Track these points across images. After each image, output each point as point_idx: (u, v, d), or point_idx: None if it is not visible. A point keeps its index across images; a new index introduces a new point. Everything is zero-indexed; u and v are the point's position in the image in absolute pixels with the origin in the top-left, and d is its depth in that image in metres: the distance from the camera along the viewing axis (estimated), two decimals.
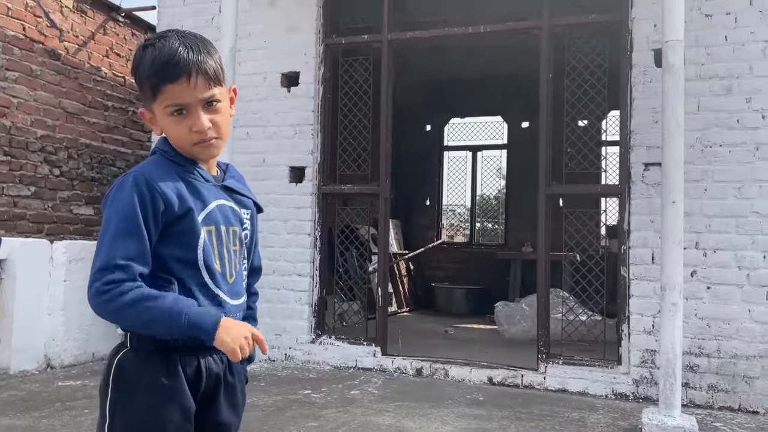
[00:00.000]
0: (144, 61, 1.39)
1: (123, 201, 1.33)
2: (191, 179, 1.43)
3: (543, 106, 4.84)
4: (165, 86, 1.37)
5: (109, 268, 1.29)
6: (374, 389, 4.49)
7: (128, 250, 1.30)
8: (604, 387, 4.50)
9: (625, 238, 4.57)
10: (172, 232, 1.37)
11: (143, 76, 1.39)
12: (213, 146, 1.44)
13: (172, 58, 1.36)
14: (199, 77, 1.38)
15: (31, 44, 5.99)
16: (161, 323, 1.30)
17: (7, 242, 4.69)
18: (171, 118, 1.40)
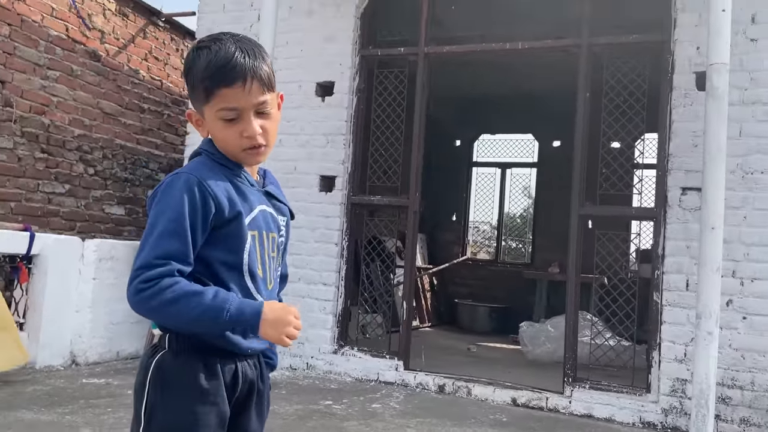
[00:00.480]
0: (199, 63, 1.37)
1: (172, 201, 1.31)
2: (238, 182, 1.41)
3: (579, 125, 4.78)
4: (219, 90, 1.35)
5: (149, 266, 1.27)
6: (396, 404, 4.44)
7: (170, 249, 1.28)
8: (631, 414, 4.39)
9: (659, 263, 4.47)
10: (220, 235, 1.35)
11: (197, 78, 1.38)
12: (260, 153, 1.43)
13: (228, 62, 1.35)
14: (254, 82, 1.37)
15: (73, 45, 6.11)
16: (204, 320, 1.27)
17: (40, 238, 4.75)
18: (222, 123, 1.39)
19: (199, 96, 1.39)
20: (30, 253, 4.64)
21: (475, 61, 7.44)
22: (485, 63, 7.47)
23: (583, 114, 4.78)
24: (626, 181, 4.88)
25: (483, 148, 10.37)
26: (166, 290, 1.25)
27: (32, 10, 5.69)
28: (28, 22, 5.65)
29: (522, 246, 10.87)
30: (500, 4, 5.84)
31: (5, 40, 5.45)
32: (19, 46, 5.58)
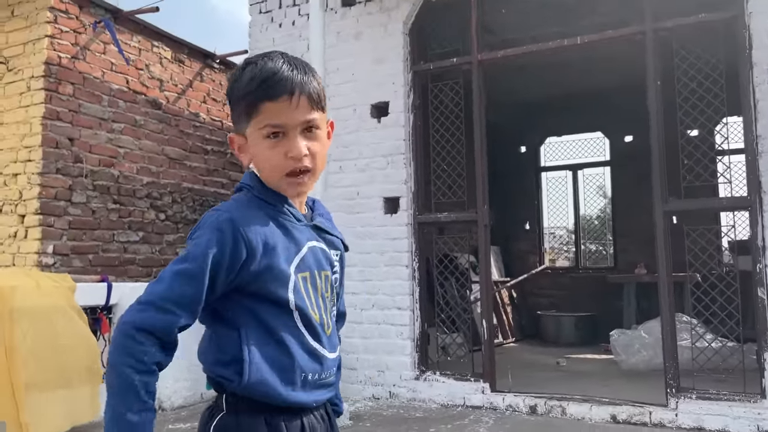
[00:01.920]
0: (242, 79, 1.24)
1: (201, 241, 1.18)
2: (283, 220, 1.27)
3: (653, 116, 4.46)
4: (263, 104, 1.21)
5: (155, 306, 1.14)
6: (486, 430, 4.21)
7: (183, 293, 1.15)
8: (747, 424, 3.98)
9: (759, 255, 4.08)
10: (258, 280, 1.21)
11: (239, 95, 1.24)
12: (304, 182, 1.27)
13: (274, 74, 1.21)
14: (302, 97, 1.23)
15: (134, 96, 6.29)
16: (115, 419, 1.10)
17: (117, 287, 4.83)
18: (266, 142, 1.23)
19: (241, 114, 1.25)
20: (109, 303, 4.72)
21: (532, 63, 7.19)
22: (542, 64, 7.20)
23: (655, 103, 4.47)
24: (712, 170, 4.51)
25: (551, 152, 10.02)
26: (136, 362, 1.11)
27: (92, 67, 5.90)
28: (90, 78, 5.86)
29: (603, 249, 10.39)
30: (551, 2, 5.61)
31: (70, 99, 5.66)
32: (84, 103, 5.78)
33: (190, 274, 1.16)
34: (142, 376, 1.11)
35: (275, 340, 1.22)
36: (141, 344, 1.12)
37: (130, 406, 1.09)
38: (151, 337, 1.13)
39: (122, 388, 1.10)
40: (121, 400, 1.10)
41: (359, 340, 5.25)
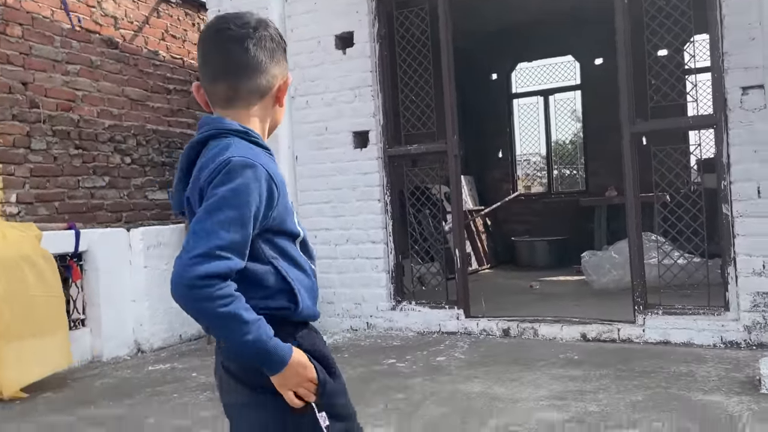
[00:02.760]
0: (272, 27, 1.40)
1: (239, 188, 1.24)
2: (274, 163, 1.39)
3: (620, 37, 4.40)
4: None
5: (209, 255, 1.19)
6: (460, 354, 4.32)
7: (234, 240, 1.22)
8: (711, 336, 4.14)
9: (724, 172, 4.13)
10: (279, 213, 1.32)
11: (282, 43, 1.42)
12: None
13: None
14: None
15: (88, 35, 6.02)
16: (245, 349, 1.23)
17: (86, 234, 4.77)
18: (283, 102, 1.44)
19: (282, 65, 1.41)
20: (78, 251, 4.67)
21: None
22: None
23: (622, 24, 4.40)
24: (679, 89, 4.50)
25: (522, 78, 9.92)
26: (220, 300, 1.19)
27: (41, 5, 5.61)
28: (39, 18, 5.58)
29: (576, 173, 10.47)
30: None
31: (20, 41, 5.40)
32: (35, 45, 5.53)
33: (236, 221, 1.22)
34: (232, 304, 1.20)
35: (299, 266, 1.36)
36: (212, 286, 1.18)
37: (243, 329, 1.20)
38: (216, 278, 1.19)
39: (226, 324, 1.20)
40: (235, 333, 1.21)
41: (335, 275, 5.29)
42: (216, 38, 1.35)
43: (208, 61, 1.37)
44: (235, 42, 1.33)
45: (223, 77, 1.35)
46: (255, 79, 1.35)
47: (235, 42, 1.33)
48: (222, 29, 1.34)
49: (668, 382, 3.44)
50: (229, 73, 1.34)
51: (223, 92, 1.35)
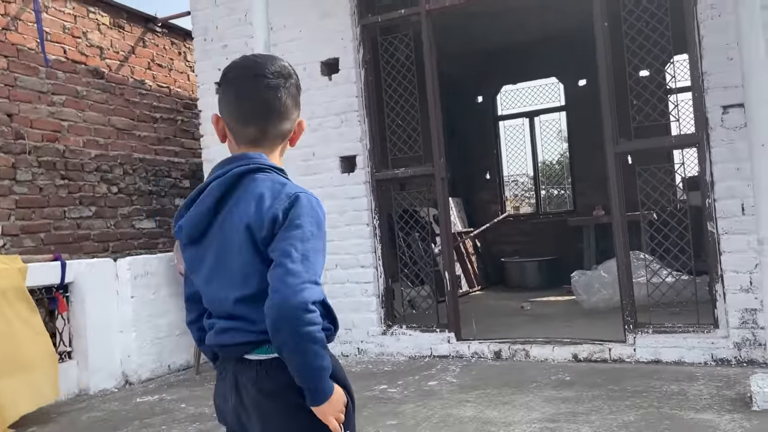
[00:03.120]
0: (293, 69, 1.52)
1: (321, 222, 1.39)
2: None
3: (601, 59, 4.47)
4: None
5: (314, 282, 1.32)
6: (452, 378, 4.29)
7: (320, 269, 1.36)
8: (701, 354, 4.14)
9: (708, 190, 4.17)
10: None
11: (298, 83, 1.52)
12: None
13: None
14: None
15: (73, 66, 6.03)
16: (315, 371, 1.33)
17: (72, 265, 4.73)
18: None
19: (298, 101, 1.51)
20: (64, 282, 4.62)
21: (483, 11, 7.11)
22: (493, 11, 7.13)
23: (603, 45, 4.47)
24: (661, 109, 4.56)
25: (507, 100, 10.02)
26: (317, 326, 1.31)
27: (26, 37, 5.62)
28: (24, 50, 5.59)
29: (564, 193, 10.53)
30: None
31: (5, 73, 5.40)
32: (20, 76, 5.53)
33: (322, 249, 1.38)
34: (321, 332, 1.32)
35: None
36: (315, 312, 1.30)
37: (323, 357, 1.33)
38: (315, 305, 1.31)
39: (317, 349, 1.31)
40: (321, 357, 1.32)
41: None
42: (253, 84, 1.44)
43: (243, 104, 1.45)
44: (270, 90, 1.43)
45: (255, 121, 1.45)
46: (282, 124, 1.47)
47: (270, 90, 1.43)
48: (259, 76, 1.44)
49: (660, 401, 3.43)
50: (261, 119, 1.45)
51: (253, 134, 1.46)
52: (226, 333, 1.41)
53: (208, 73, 5.89)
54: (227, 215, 1.40)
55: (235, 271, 1.38)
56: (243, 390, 1.40)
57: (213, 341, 1.45)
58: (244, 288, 1.37)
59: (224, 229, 1.40)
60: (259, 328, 1.35)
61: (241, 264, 1.37)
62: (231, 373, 1.43)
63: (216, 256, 1.41)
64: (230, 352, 1.42)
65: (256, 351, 1.39)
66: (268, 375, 1.37)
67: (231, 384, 1.43)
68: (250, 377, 1.39)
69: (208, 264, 1.42)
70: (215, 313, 1.45)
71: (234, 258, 1.38)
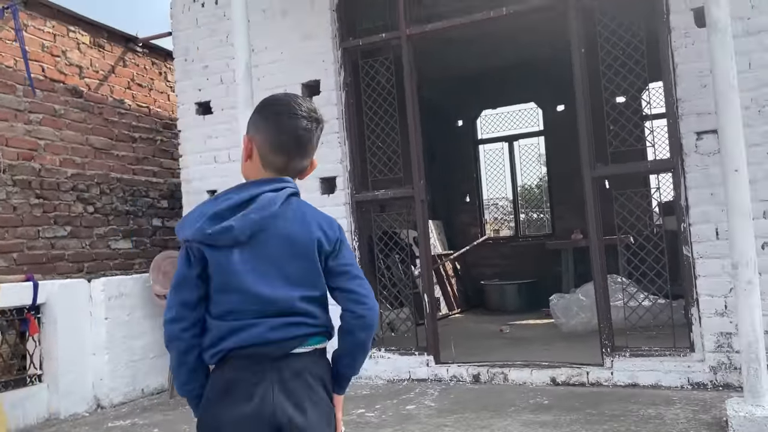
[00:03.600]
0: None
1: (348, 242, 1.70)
2: None
3: (578, 85, 4.54)
4: None
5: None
6: (431, 401, 4.26)
7: None
8: (678, 377, 4.16)
9: (683, 215, 4.23)
10: None
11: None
12: None
13: None
14: None
15: (52, 84, 5.98)
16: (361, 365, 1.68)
17: (44, 286, 4.64)
18: None
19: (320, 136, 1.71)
20: (36, 303, 4.53)
21: (463, 37, 7.20)
22: (473, 37, 7.22)
23: (580, 72, 4.54)
24: (636, 135, 4.64)
25: (487, 124, 10.12)
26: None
27: (3, 55, 5.56)
28: (2, 68, 5.53)
29: (544, 216, 10.61)
30: None
31: None
32: None
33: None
34: None
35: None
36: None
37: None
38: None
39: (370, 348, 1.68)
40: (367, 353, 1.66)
41: None
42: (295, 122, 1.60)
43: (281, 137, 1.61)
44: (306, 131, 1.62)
45: (286, 153, 1.62)
46: (303, 161, 1.65)
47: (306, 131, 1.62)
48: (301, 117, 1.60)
49: (637, 425, 3.43)
50: (292, 152, 1.62)
51: (281, 163, 1.62)
52: (290, 327, 1.53)
53: (188, 94, 5.88)
54: (286, 225, 1.56)
55: (301, 274, 1.56)
56: (292, 382, 1.52)
57: (268, 337, 1.51)
58: (310, 289, 1.56)
59: (286, 237, 1.56)
60: (317, 323, 1.57)
61: (307, 269, 1.57)
62: (270, 372, 1.50)
63: (271, 260, 1.54)
64: (284, 346, 1.51)
65: (306, 343, 1.55)
66: (315, 363, 1.57)
67: (271, 382, 1.50)
68: (302, 366, 1.54)
69: (260, 266, 1.53)
70: (262, 312, 1.52)
71: (299, 263, 1.56)
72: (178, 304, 1.55)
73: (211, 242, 1.51)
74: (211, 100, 5.76)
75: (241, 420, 1.48)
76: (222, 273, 1.52)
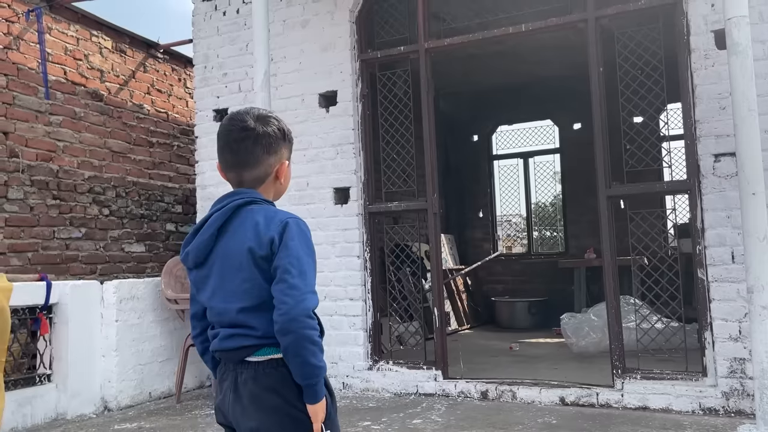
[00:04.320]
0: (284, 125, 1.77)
1: (309, 242, 1.64)
2: None
3: (595, 103, 4.53)
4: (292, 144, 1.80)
5: (313, 293, 1.59)
6: (438, 417, 4.22)
7: (314, 282, 1.61)
8: (689, 402, 4.10)
9: (699, 237, 4.19)
10: None
11: (290, 136, 1.78)
12: None
13: None
14: None
15: (73, 87, 6.06)
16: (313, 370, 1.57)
17: (57, 286, 4.67)
18: (290, 169, 1.79)
19: (289, 150, 1.77)
20: (48, 303, 4.56)
21: (482, 52, 7.23)
22: (492, 53, 7.25)
23: (598, 91, 4.53)
24: (653, 155, 4.61)
25: (502, 140, 10.11)
26: (316, 331, 1.57)
27: (27, 57, 5.65)
28: (25, 70, 5.62)
29: (556, 235, 10.55)
30: None
31: (3, 91, 5.42)
32: (18, 95, 5.54)
33: (314, 264, 1.63)
34: (320, 338, 1.60)
35: None
36: (314, 319, 1.58)
37: (320, 358, 1.58)
38: (314, 311, 1.59)
39: (315, 350, 1.56)
40: (317, 358, 1.57)
41: None
42: (228, 137, 1.71)
43: (225, 155, 1.73)
44: (239, 143, 1.69)
45: (232, 169, 1.72)
46: (254, 171, 1.70)
47: (239, 143, 1.69)
48: (231, 131, 1.70)
49: None
50: (235, 167, 1.71)
51: (234, 178, 1.72)
52: (231, 339, 1.63)
53: (206, 100, 5.93)
54: (228, 241, 1.65)
55: (236, 286, 1.61)
56: (242, 387, 1.62)
57: (218, 347, 1.67)
58: (246, 300, 1.60)
59: (225, 252, 1.64)
60: (258, 334, 1.60)
61: (242, 280, 1.60)
62: (231, 373, 1.64)
63: (219, 276, 1.65)
64: (233, 355, 1.64)
65: (255, 354, 1.62)
66: (265, 373, 1.60)
67: (231, 383, 1.64)
68: (250, 375, 1.61)
69: (212, 282, 1.66)
70: (219, 323, 1.67)
71: (235, 275, 1.62)
72: (190, 316, 1.81)
73: (186, 265, 1.74)
74: (229, 107, 5.81)
75: (216, 408, 1.73)
76: (195, 289, 1.74)
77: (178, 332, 5.24)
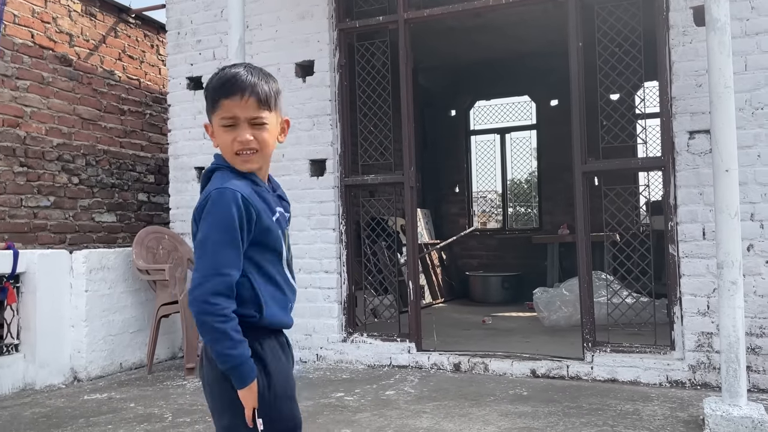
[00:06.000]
0: (211, 80, 1.64)
1: (223, 214, 1.52)
2: (259, 189, 1.62)
3: (574, 78, 4.51)
4: (222, 101, 1.59)
5: (212, 274, 1.49)
6: (410, 388, 4.25)
7: (228, 258, 1.51)
8: (657, 375, 4.18)
9: (671, 213, 4.23)
10: (261, 236, 1.59)
11: (208, 91, 1.64)
12: (250, 159, 1.61)
13: (232, 77, 1.59)
14: (251, 97, 1.59)
15: (41, 51, 5.87)
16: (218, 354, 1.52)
17: (25, 255, 4.57)
18: (222, 129, 1.61)
19: (209, 107, 1.64)
20: (15, 272, 4.46)
21: (460, 26, 7.16)
22: (471, 26, 7.19)
23: (576, 66, 4.51)
24: (629, 131, 4.63)
25: (480, 115, 10.09)
26: (222, 322, 1.49)
27: None
28: None
29: (531, 211, 10.63)
30: None
31: None
32: None
33: (228, 242, 1.52)
34: (227, 323, 1.50)
35: (272, 281, 1.63)
36: (216, 305, 1.49)
37: (230, 346, 1.50)
38: (220, 296, 1.50)
39: (217, 337, 1.50)
40: (221, 344, 1.50)
41: None
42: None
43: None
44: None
45: None
46: None
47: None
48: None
49: (615, 420, 3.44)
50: None
51: None
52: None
53: (180, 68, 5.80)
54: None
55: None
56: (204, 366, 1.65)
57: None
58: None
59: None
60: None
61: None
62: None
63: None
64: None
65: None
66: (206, 356, 1.62)
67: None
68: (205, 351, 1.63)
69: None
70: None
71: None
72: None
73: None
74: (202, 75, 5.68)
75: None
76: None
77: (150, 303, 5.18)
